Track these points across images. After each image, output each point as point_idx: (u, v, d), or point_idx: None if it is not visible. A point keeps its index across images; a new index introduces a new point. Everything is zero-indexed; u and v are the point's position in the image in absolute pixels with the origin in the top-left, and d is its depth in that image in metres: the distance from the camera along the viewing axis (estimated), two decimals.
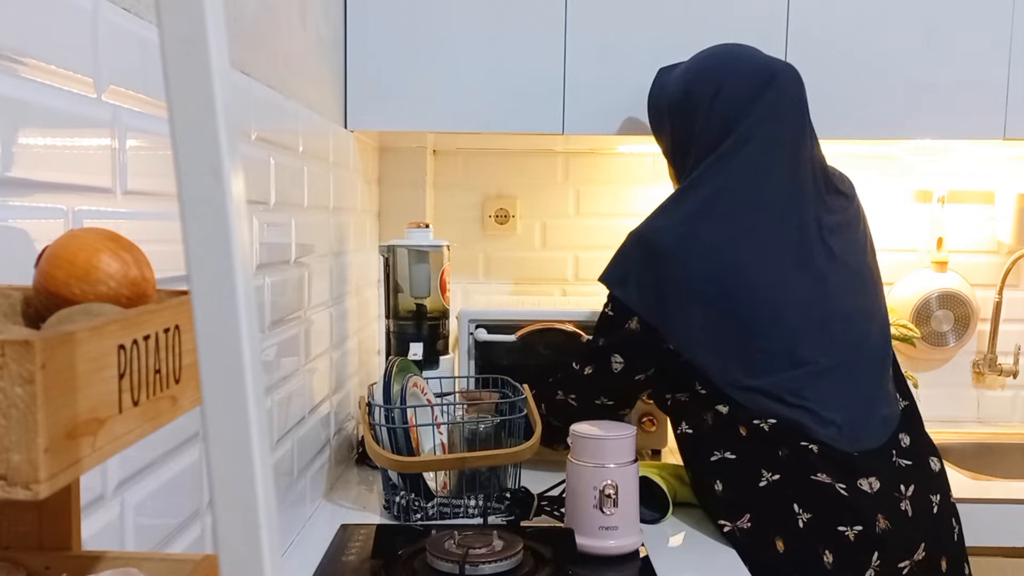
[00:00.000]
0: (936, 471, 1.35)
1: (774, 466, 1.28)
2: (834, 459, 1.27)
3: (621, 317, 1.37)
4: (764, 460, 1.29)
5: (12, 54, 0.61)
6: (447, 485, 1.41)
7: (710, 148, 1.39)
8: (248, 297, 0.40)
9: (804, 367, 1.31)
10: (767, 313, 1.31)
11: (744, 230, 1.34)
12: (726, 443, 1.32)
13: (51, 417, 0.37)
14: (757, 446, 1.30)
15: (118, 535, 0.73)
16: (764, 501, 1.28)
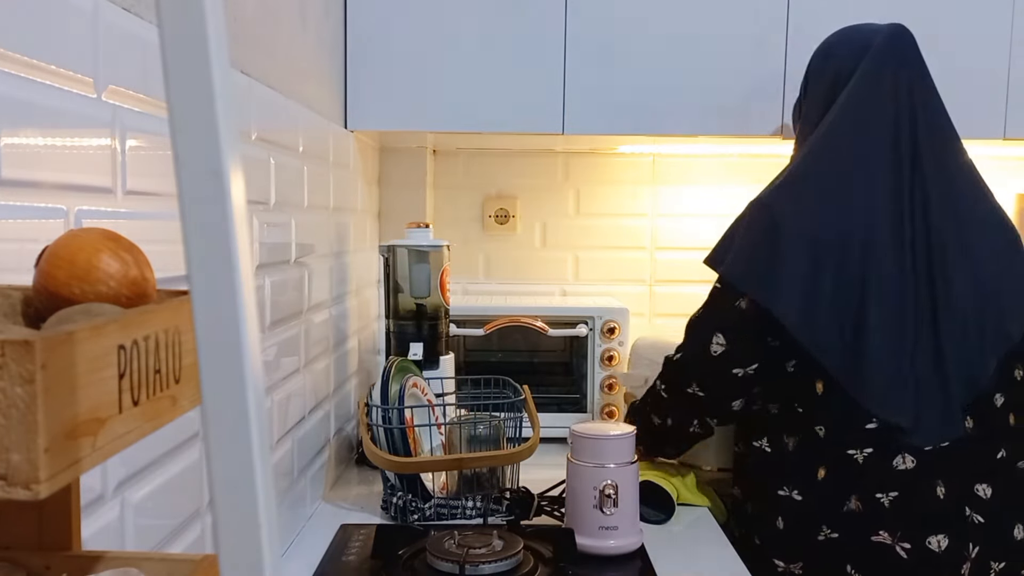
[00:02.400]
0: (1017, 538, 1.28)
1: (836, 523, 1.25)
2: (909, 510, 1.23)
3: (732, 294, 1.29)
4: (828, 513, 1.26)
5: (12, 54, 0.61)
6: (447, 486, 1.41)
7: (819, 113, 1.39)
8: (248, 297, 0.40)
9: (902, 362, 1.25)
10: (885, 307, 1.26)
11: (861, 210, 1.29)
12: (798, 480, 1.28)
13: (51, 417, 0.37)
14: (827, 493, 1.25)
15: (118, 535, 0.73)
16: (819, 555, 1.26)
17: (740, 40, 1.68)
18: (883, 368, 1.25)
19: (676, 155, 2.12)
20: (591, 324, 1.82)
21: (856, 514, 1.25)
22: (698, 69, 1.68)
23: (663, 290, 2.15)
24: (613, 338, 1.81)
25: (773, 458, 1.32)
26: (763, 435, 1.34)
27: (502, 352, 1.89)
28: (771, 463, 1.32)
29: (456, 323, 1.77)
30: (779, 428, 1.31)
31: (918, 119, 1.34)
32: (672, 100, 1.69)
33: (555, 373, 1.91)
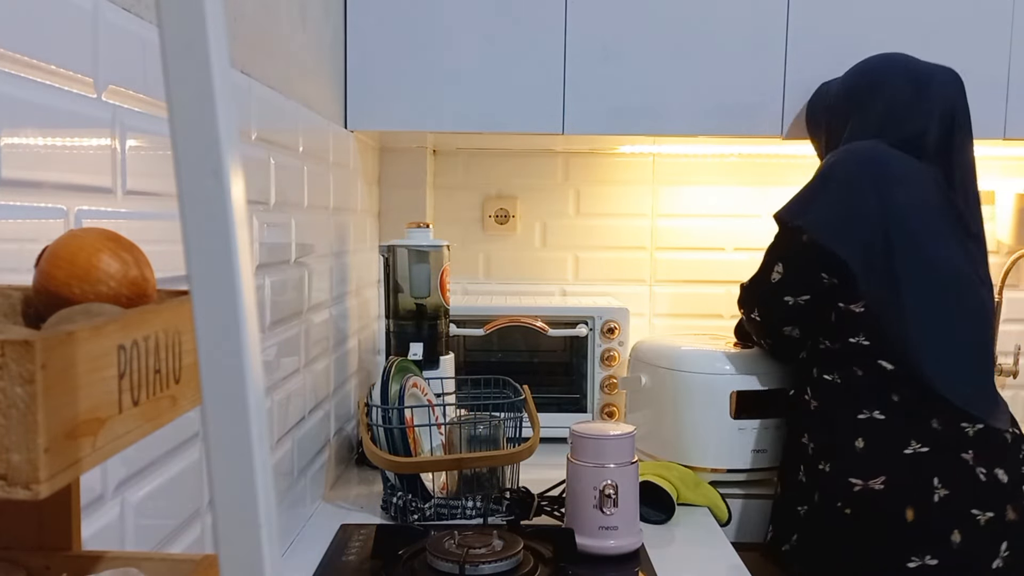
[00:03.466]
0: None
1: (925, 438, 1.31)
2: (985, 445, 1.30)
3: (795, 231, 1.42)
4: (916, 429, 1.31)
5: (12, 54, 0.61)
6: (447, 486, 1.41)
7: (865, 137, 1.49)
8: (248, 297, 0.40)
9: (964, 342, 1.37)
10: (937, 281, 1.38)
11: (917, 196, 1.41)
12: (877, 403, 1.34)
13: (51, 417, 0.37)
14: (910, 412, 1.32)
15: (118, 535, 0.74)
16: (905, 468, 1.30)
17: (740, 40, 1.68)
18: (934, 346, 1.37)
19: (676, 155, 2.12)
20: (591, 324, 1.82)
21: (940, 432, 1.31)
22: (698, 69, 1.68)
23: (663, 290, 2.15)
24: (613, 338, 1.81)
25: (843, 388, 1.38)
26: (831, 369, 1.40)
27: (502, 352, 1.89)
28: (844, 392, 1.38)
29: (456, 323, 1.77)
30: (847, 361, 1.38)
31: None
32: (672, 100, 1.69)
33: (555, 373, 1.91)
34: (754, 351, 1.60)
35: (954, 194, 1.44)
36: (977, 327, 1.40)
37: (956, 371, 1.35)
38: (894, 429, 1.32)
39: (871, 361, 1.35)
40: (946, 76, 1.49)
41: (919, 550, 1.26)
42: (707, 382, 1.56)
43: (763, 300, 1.48)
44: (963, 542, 1.25)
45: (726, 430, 1.55)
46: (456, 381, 1.67)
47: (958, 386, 1.34)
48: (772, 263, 1.46)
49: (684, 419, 1.58)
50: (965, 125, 1.48)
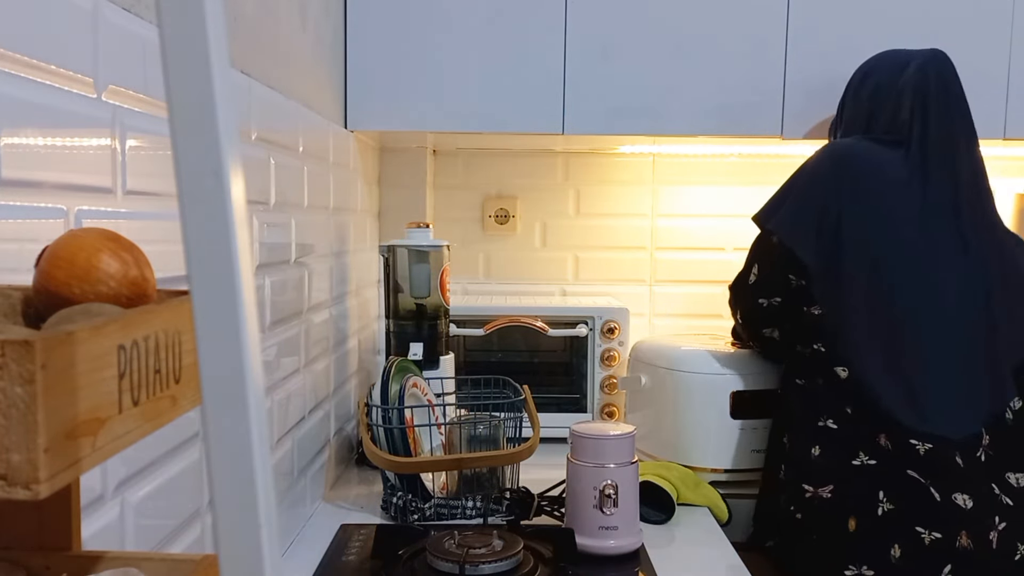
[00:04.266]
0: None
1: (873, 451, 1.30)
2: (937, 466, 1.27)
3: (767, 233, 1.45)
4: (865, 442, 1.31)
5: (12, 54, 0.61)
6: (447, 486, 1.41)
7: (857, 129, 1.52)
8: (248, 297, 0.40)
9: (923, 348, 1.34)
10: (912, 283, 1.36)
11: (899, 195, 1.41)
12: (832, 412, 1.34)
13: (51, 417, 0.37)
14: (861, 426, 1.31)
15: (118, 535, 0.74)
16: (852, 478, 1.30)
17: (740, 40, 1.68)
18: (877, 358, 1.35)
19: (676, 155, 2.12)
20: (591, 324, 1.82)
21: (888, 450, 1.29)
22: (698, 69, 1.68)
23: (663, 290, 2.15)
24: (613, 338, 1.81)
25: (806, 393, 1.39)
26: (799, 373, 1.42)
27: (502, 352, 1.89)
28: (806, 398, 1.39)
29: (456, 323, 1.77)
30: (813, 368, 1.39)
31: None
32: (672, 100, 1.69)
33: (555, 373, 1.91)
34: (754, 351, 1.60)
35: (941, 182, 1.41)
36: (946, 332, 1.36)
37: (907, 384, 1.32)
38: (845, 439, 1.32)
39: (828, 368, 1.36)
40: (924, 55, 1.48)
41: (857, 560, 1.25)
42: (707, 382, 1.56)
43: (743, 301, 1.51)
44: (902, 558, 1.23)
45: (726, 430, 1.55)
46: (456, 381, 1.67)
47: (908, 401, 1.31)
48: (750, 264, 1.49)
49: (684, 419, 1.58)
50: (949, 103, 1.45)
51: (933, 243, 1.38)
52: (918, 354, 1.34)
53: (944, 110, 1.44)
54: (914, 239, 1.38)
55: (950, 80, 1.46)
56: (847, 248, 1.37)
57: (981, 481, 1.29)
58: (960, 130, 1.45)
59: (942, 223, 1.40)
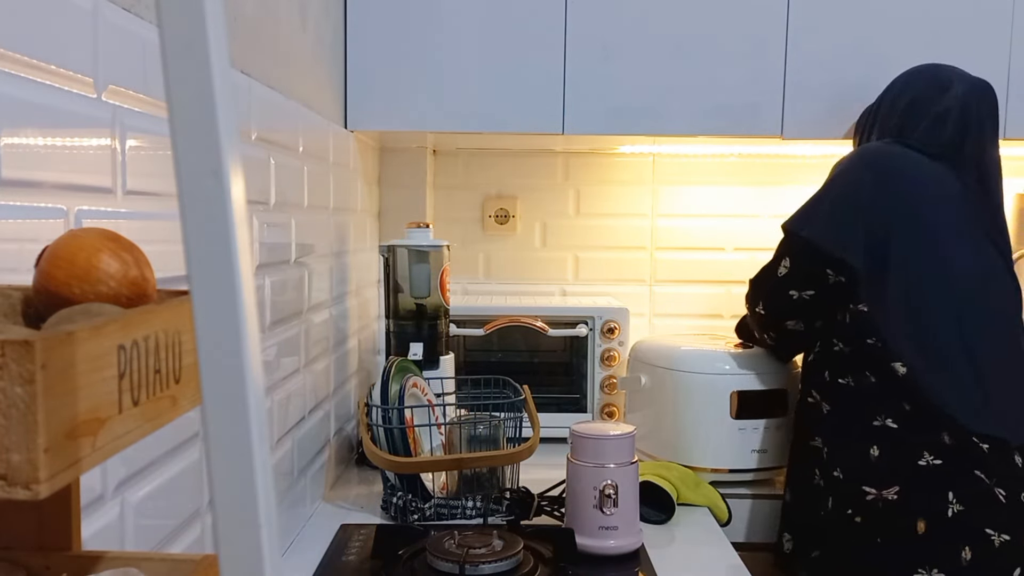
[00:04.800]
0: None
1: (938, 451, 1.28)
2: (1000, 466, 1.27)
3: (802, 240, 1.43)
4: (929, 441, 1.29)
5: (12, 54, 0.61)
6: (447, 486, 1.41)
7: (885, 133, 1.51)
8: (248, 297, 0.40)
9: (971, 352, 1.33)
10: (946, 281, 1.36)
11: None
12: (890, 410, 1.32)
13: (51, 417, 0.37)
14: (923, 423, 1.30)
15: (118, 535, 0.74)
16: (920, 479, 1.27)
17: (740, 40, 1.68)
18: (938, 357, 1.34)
19: (676, 155, 2.12)
20: (591, 324, 1.82)
21: (954, 447, 1.28)
22: (698, 69, 1.68)
23: (663, 290, 2.15)
24: (613, 338, 1.81)
25: (855, 392, 1.36)
26: (845, 372, 1.38)
27: (502, 352, 1.89)
28: (856, 397, 1.36)
29: (456, 323, 1.77)
30: (859, 365, 1.36)
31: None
32: (672, 100, 1.69)
33: (555, 373, 1.91)
34: (754, 351, 1.60)
35: (970, 191, 1.43)
36: (997, 330, 1.37)
37: (964, 381, 1.31)
38: (907, 439, 1.30)
39: (884, 366, 1.33)
40: (970, 82, 1.49)
41: (927, 563, 1.24)
42: (707, 382, 1.56)
43: (768, 293, 1.48)
44: (973, 560, 1.22)
45: (726, 430, 1.55)
46: (456, 381, 1.67)
47: (965, 398, 1.30)
48: (780, 258, 1.47)
49: (684, 419, 1.58)
50: (984, 130, 1.47)
51: (984, 242, 1.40)
52: (966, 357, 1.33)
53: (988, 142, 1.47)
54: (964, 235, 1.39)
55: (990, 114, 1.49)
56: (901, 243, 1.36)
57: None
58: (995, 157, 1.49)
59: (983, 239, 1.41)
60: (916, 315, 1.34)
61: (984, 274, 1.38)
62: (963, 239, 1.39)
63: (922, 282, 1.35)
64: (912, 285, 1.35)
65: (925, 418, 1.30)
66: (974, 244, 1.39)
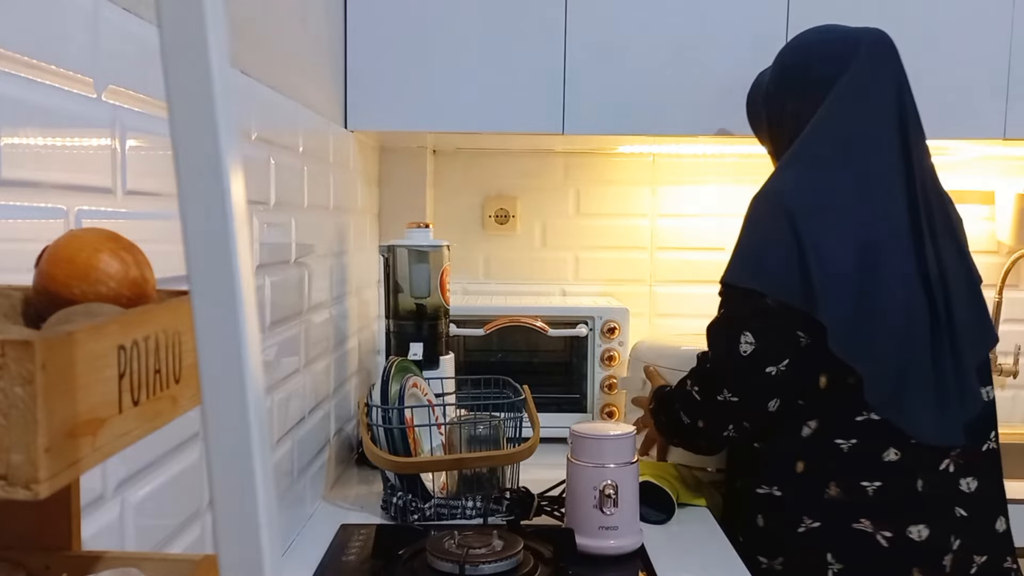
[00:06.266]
0: (999, 531, 1.31)
1: (817, 512, 1.26)
2: (892, 499, 1.25)
3: (749, 294, 1.26)
4: (809, 504, 1.27)
5: (12, 54, 0.61)
6: (447, 486, 1.41)
7: (807, 119, 1.34)
8: (248, 297, 0.40)
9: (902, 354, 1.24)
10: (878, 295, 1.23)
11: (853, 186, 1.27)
12: (777, 478, 1.30)
13: (51, 417, 0.37)
14: (807, 484, 1.27)
15: (118, 535, 0.73)
16: (800, 546, 1.27)
17: (740, 40, 1.68)
18: (906, 380, 1.26)
19: (676, 155, 2.12)
20: (591, 324, 1.82)
21: (837, 502, 1.26)
22: (698, 69, 1.68)
23: (663, 290, 2.15)
24: (613, 338, 1.81)
25: (756, 454, 1.33)
26: (765, 434, 1.32)
27: (502, 352, 1.89)
28: (754, 460, 1.33)
29: (456, 323, 1.77)
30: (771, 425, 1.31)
31: (909, 117, 1.34)
32: (672, 100, 1.69)
33: (555, 373, 1.91)
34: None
35: (915, 193, 1.29)
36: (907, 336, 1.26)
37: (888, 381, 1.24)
38: (789, 505, 1.28)
39: (795, 424, 1.28)
40: (876, 35, 1.36)
41: None
42: None
43: (739, 378, 1.28)
44: None
45: None
46: (456, 381, 1.67)
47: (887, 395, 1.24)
48: (735, 335, 1.27)
49: None
50: (911, 99, 1.34)
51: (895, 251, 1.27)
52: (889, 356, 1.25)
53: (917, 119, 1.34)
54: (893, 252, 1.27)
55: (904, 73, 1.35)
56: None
57: (932, 503, 1.26)
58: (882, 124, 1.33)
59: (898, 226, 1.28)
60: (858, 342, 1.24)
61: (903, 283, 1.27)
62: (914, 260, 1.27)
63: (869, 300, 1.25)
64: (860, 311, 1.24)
65: (818, 472, 1.27)
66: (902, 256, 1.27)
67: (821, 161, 1.31)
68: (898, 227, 1.28)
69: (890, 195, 1.29)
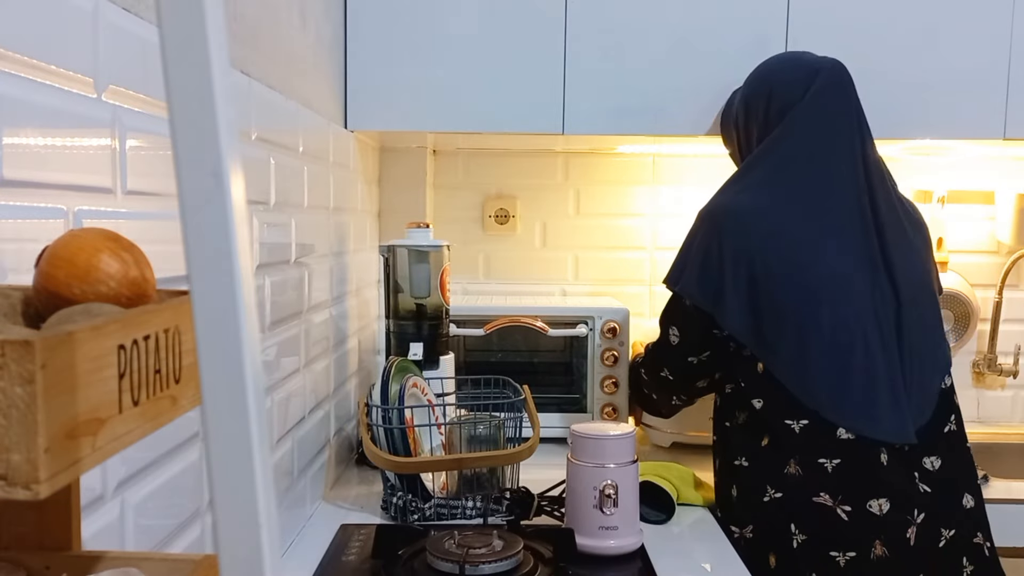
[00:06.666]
0: (966, 507, 1.33)
1: (779, 483, 1.31)
2: (850, 476, 1.28)
3: (678, 295, 1.44)
4: (771, 475, 1.32)
5: (12, 54, 0.61)
6: (447, 486, 1.41)
7: (764, 139, 1.46)
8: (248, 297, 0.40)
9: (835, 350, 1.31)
10: (800, 280, 1.33)
11: (789, 200, 1.38)
12: (745, 450, 1.36)
13: (51, 417, 0.37)
14: (769, 458, 1.32)
15: (118, 535, 0.73)
16: (765, 516, 1.31)
17: (740, 40, 1.68)
18: (822, 372, 1.31)
19: (676, 155, 2.12)
20: (591, 324, 1.82)
21: (796, 476, 1.30)
22: (698, 69, 1.68)
23: (663, 290, 2.14)
24: (613, 338, 1.81)
25: (728, 433, 1.40)
26: (724, 414, 1.42)
27: (502, 352, 1.89)
28: (727, 438, 1.40)
29: (456, 323, 1.77)
30: (731, 405, 1.40)
31: (863, 128, 1.44)
32: (672, 100, 1.69)
33: (555, 373, 1.91)
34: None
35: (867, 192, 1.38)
36: (846, 329, 1.31)
37: (820, 381, 1.30)
38: (755, 476, 1.33)
39: (745, 403, 1.36)
40: (834, 67, 1.45)
41: None
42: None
43: (670, 363, 1.49)
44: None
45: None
46: (456, 381, 1.67)
47: (822, 394, 1.30)
48: (667, 327, 1.48)
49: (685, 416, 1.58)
50: (858, 119, 1.43)
51: (845, 268, 1.34)
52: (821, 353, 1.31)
53: (868, 134, 1.44)
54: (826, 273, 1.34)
55: (855, 98, 1.46)
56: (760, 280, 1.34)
57: (893, 479, 1.29)
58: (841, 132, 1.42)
59: (849, 241, 1.36)
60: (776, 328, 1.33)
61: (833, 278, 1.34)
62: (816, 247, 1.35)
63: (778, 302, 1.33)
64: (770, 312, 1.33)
65: (778, 447, 1.31)
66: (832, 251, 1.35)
67: (764, 178, 1.41)
68: (839, 228, 1.36)
69: (832, 198, 1.38)
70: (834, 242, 1.35)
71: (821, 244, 1.34)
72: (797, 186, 1.39)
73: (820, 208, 1.37)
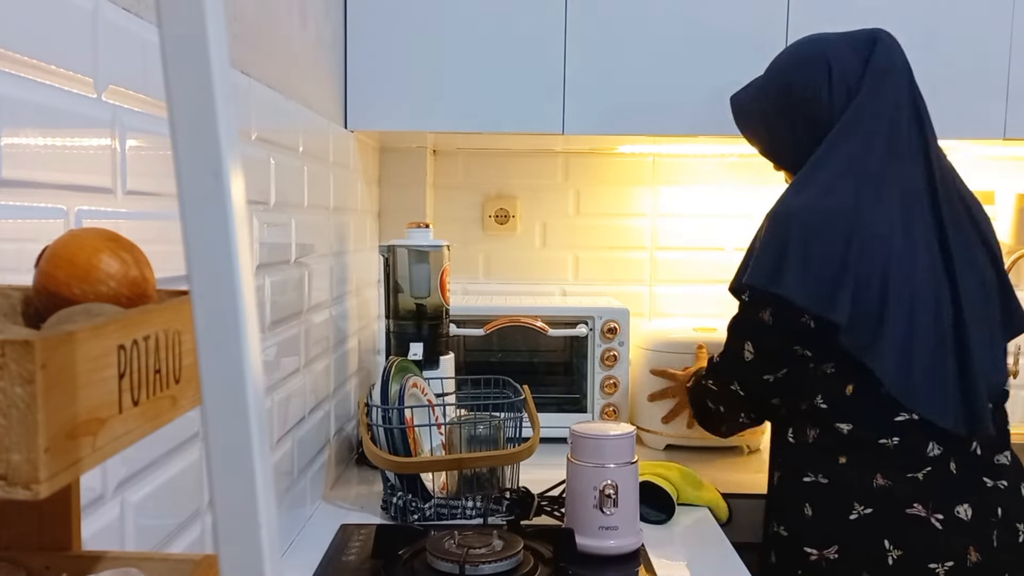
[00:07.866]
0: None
1: (867, 499, 1.25)
2: (938, 483, 1.24)
3: (754, 307, 1.32)
4: (858, 491, 1.25)
5: (12, 54, 0.61)
6: (447, 486, 1.41)
7: (831, 125, 1.36)
8: (248, 297, 0.40)
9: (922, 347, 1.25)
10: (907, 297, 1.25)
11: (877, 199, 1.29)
12: (822, 466, 1.28)
13: (51, 417, 0.37)
14: (853, 475, 1.26)
15: (118, 535, 0.73)
16: (854, 534, 1.24)
17: (740, 40, 1.68)
18: (918, 369, 1.26)
19: (676, 155, 2.12)
20: (591, 324, 1.82)
21: (887, 489, 1.24)
22: (698, 69, 1.68)
23: (663, 290, 2.15)
24: (613, 338, 1.81)
25: (796, 449, 1.32)
26: (790, 427, 1.34)
27: (502, 352, 1.89)
28: (795, 454, 1.32)
29: (456, 323, 1.77)
30: (802, 421, 1.32)
31: (924, 118, 1.37)
32: (672, 100, 1.69)
33: (555, 373, 1.91)
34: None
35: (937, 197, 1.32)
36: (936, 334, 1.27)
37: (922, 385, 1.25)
38: (837, 493, 1.26)
39: (821, 420, 1.29)
40: (887, 35, 1.38)
41: None
42: None
43: (742, 378, 1.38)
44: None
45: None
46: (456, 381, 1.67)
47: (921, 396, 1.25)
48: (740, 343, 1.36)
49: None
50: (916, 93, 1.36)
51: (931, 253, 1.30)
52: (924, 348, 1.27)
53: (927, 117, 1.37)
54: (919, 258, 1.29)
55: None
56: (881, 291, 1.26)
57: (979, 477, 1.27)
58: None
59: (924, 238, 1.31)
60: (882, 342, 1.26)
61: (924, 282, 1.29)
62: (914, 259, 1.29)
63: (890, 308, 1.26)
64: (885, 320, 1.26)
65: (863, 461, 1.26)
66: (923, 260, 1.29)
67: (837, 172, 1.32)
68: (914, 226, 1.30)
69: (907, 196, 1.31)
70: (919, 243, 1.29)
71: (909, 247, 1.28)
72: (880, 182, 1.30)
73: (901, 208, 1.30)
